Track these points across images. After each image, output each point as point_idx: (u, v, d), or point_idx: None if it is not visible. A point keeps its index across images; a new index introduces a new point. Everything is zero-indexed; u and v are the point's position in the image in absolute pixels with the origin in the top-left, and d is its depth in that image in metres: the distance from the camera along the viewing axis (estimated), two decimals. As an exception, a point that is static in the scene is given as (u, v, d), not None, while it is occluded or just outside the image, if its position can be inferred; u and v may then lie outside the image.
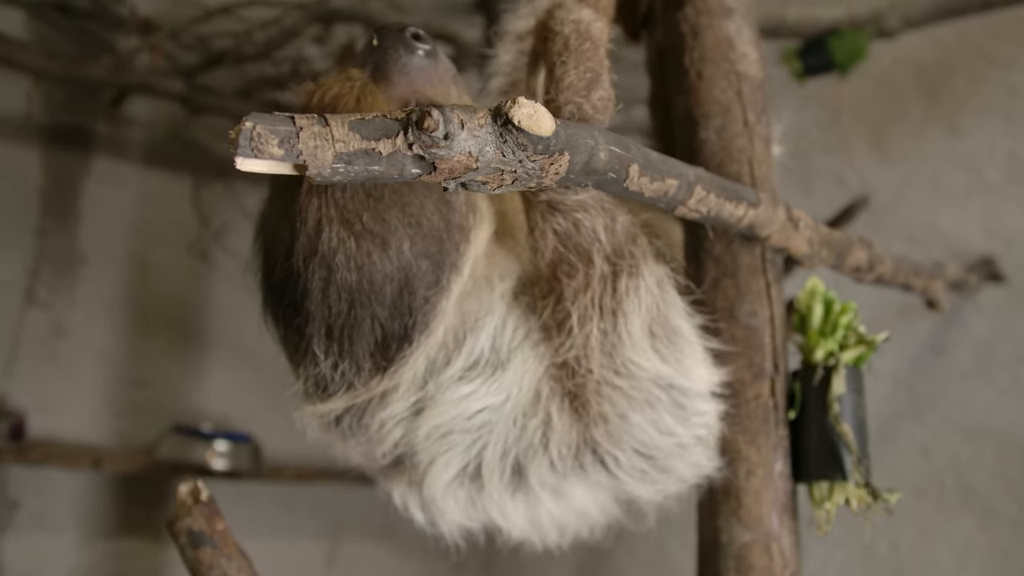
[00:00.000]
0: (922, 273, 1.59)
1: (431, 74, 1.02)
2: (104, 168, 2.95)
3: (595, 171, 0.75)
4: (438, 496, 1.09)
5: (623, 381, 1.00)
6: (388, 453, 1.06)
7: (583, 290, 0.99)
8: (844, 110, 3.20)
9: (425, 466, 1.06)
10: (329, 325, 0.95)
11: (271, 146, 0.60)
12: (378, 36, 1.01)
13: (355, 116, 0.63)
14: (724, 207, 0.94)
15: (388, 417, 1.02)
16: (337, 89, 0.97)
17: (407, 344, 0.97)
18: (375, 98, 0.96)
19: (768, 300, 1.15)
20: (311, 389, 1.01)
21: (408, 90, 0.99)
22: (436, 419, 1.02)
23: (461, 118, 0.63)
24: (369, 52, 1.01)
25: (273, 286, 0.99)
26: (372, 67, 0.99)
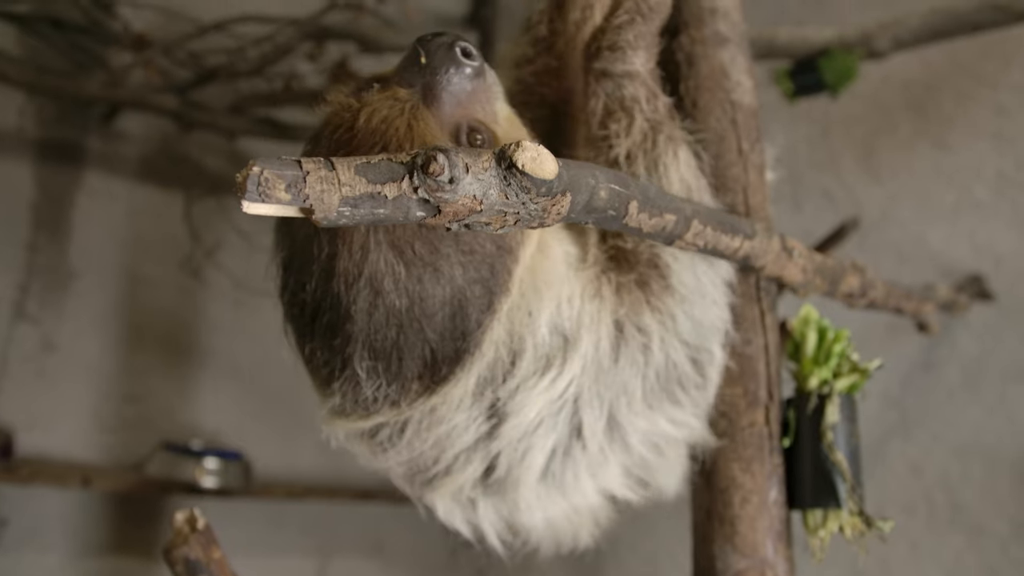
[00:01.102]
0: (913, 297, 1.61)
1: (480, 93, 1.00)
2: (95, 183, 2.94)
3: (596, 209, 0.76)
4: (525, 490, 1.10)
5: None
6: (445, 463, 1.07)
7: (625, 134, 1.12)
8: (833, 127, 3.22)
9: (510, 466, 1.07)
10: (374, 347, 0.94)
11: (278, 191, 0.60)
12: (425, 52, 0.96)
13: (361, 160, 0.63)
14: (721, 240, 0.95)
15: (446, 433, 1.03)
16: (386, 112, 0.92)
17: (458, 365, 0.97)
18: (426, 123, 0.93)
19: (762, 328, 1.16)
20: (348, 406, 1.00)
21: (459, 113, 0.97)
22: (523, 419, 1.04)
23: (466, 162, 0.63)
24: (417, 70, 0.96)
25: (304, 304, 0.97)
26: (422, 88, 0.95)
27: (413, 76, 0.96)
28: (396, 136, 0.90)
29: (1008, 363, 2.80)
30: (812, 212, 3.23)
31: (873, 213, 3.13)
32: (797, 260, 1.10)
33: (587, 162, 0.80)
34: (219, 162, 3.21)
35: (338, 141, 0.93)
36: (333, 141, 0.93)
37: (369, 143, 0.91)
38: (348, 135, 0.92)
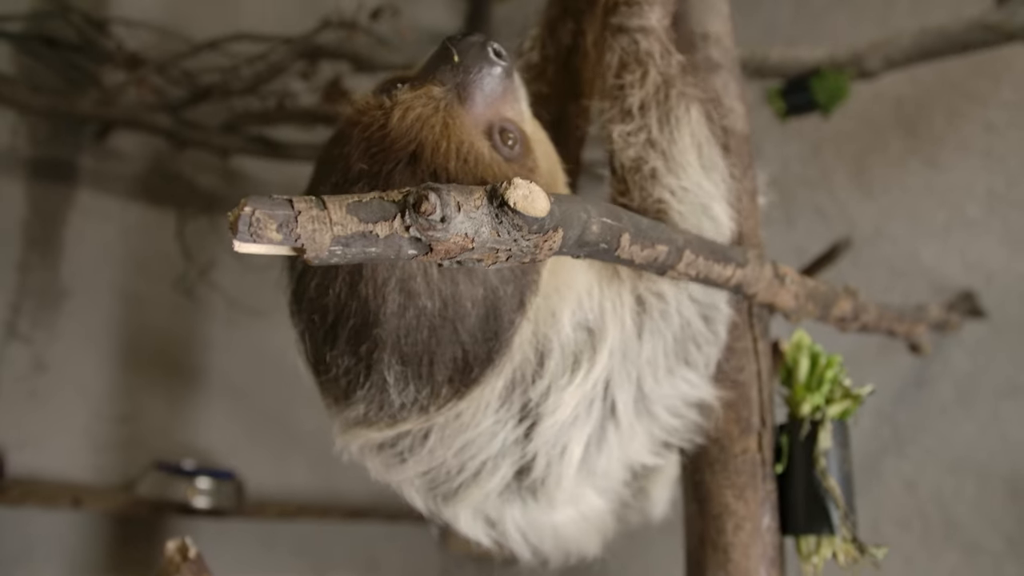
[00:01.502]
0: (905, 318, 1.61)
1: (510, 93, 1.01)
2: (88, 201, 2.94)
3: (588, 243, 0.76)
4: (565, 484, 1.09)
5: (675, 180, 1.11)
6: (472, 470, 1.06)
7: (639, 85, 1.13)
8: (825, 145, 3.23)
9: (549, 463, 1.07)
10: (403, 351, 0.93)
11: (270, 231, 0.60)
12: (459, 52, 0.96)
13: (353, 198, 0.63)
14: (713, 269, 0.95)
15: (473, 438, 1.02)
16: (420, 110, 0.92)
17: (490, 367, 0.96)
18: (461, 121, 0.93)
19: (755, 355, 1.16)
20: (373, 414, 0.99)
21: (491, 112, 0.97)
22: (559, 418, 1.04)
23: (458, 200, 0.64)
24: (450, 69, 0.95)
25: (326, 310, 0.95)
26: (456, 87, 0.95)
27: (445, 75, 0.95)
28: (432, 134, 0.90)
29: (1001, 379, 2.81)
30: (805, 229, 3.24)
31: (865, 230, 3.14)
32: (789, 287, 1.11)
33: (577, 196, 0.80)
34: (212, 180, 3.21)
35: (370, 140, 0.92)
36: (365, 140, 0.92)
37: (403, 142, 0.90)
38: (381, 134, 0.92)
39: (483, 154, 0.92)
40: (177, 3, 3.14)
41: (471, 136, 0.92)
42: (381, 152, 0.91)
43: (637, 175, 1.13)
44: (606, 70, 1.17)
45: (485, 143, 0.94)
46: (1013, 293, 2.82)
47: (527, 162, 0.99)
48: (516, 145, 0.97)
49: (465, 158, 0.90)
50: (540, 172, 1.01)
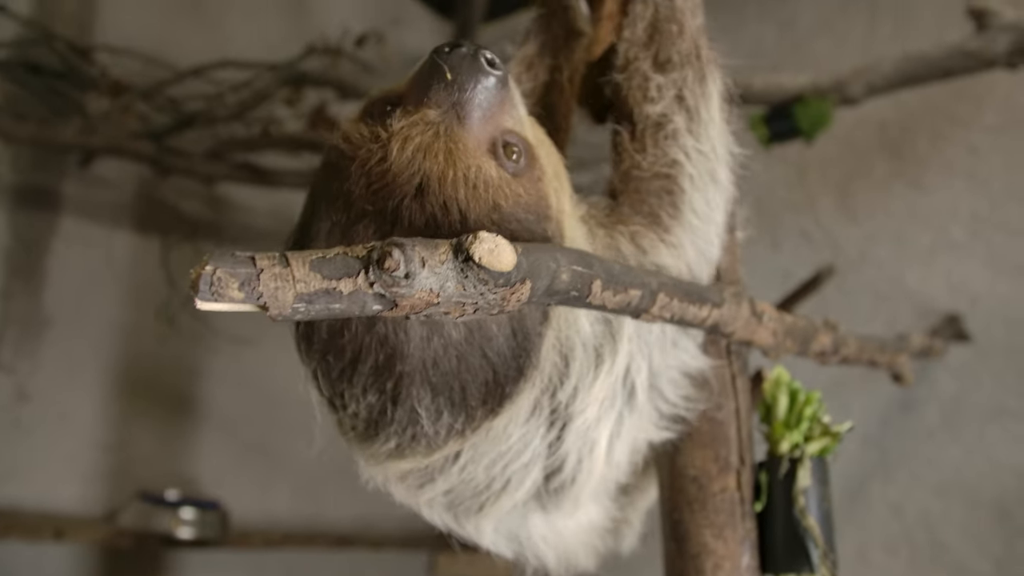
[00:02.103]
0: (887, 349, 1.61)
1: (508, 102, 0.95)
2: (72, 229, 2.92)
3: (557, 292, 0.75)
4: (594, 479, 1.09)
5: (693, 141, 1.13)
6: (502, 481, 1.04)
7: (678, 38, 1.15)
8: (810, 169, 3.25)
9: (580, 459, 1.06)
10: (433, 383, 0.91)
11: (231, 290, 0.60)
12: (451, 67, 0.89)
13: (317, 255, 0.63)
14: (688, 310, 0.94)
15: (504, 451, 1.01)
16: (419, 138, 0.87)
17: (522, 381, 0.94)
18: (464, 146, 0.88)
19: (734, 392, 1.15)
20: (406, 446, 0.96)
21: (492, 126, 0.92)
22: (588, 416, 1.04)
23: (422, 255, 0.63)
24: (443, 87, 0.89)
25: (341, 350, 0.92)
26: (452, 107, 0.89)
27: (439, 95, 0.89)
28: (436, 165, 0.86)
29: (986, 402, 2.81)
30: (790, 253, 3.25)
31: (851, 254, 3.15)
32: (767, 324, 1.10)
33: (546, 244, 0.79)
34: (197, 207, 3.20)
35: (370, 175, 0.87)
36: (365, 176, 0.88)
37: (407, 175, 0.86)
38: (381, 168, 0.87)
39: (492, 176, 0.88)
40: (162, 30, 3.14)
41: (477, 159, 0.88)
42: (384, 188, 0.86)
43: (660, 133, 1.13)
44: (636, 20, 1.17)
45: (491, 163, 0.89)
46: (997, 316, 2.83)
47: (534, 172, 0.95)
48: (521, 157, 0.93)
49: (474, 184, 0.86)
50: (547, 178, 0.97)
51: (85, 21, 3.02)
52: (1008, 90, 2.87)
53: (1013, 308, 2.81)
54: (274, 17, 3.55)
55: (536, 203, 0.92)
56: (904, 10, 3.20)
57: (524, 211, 0.90)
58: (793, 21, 3.44)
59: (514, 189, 0.90)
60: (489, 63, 0.91)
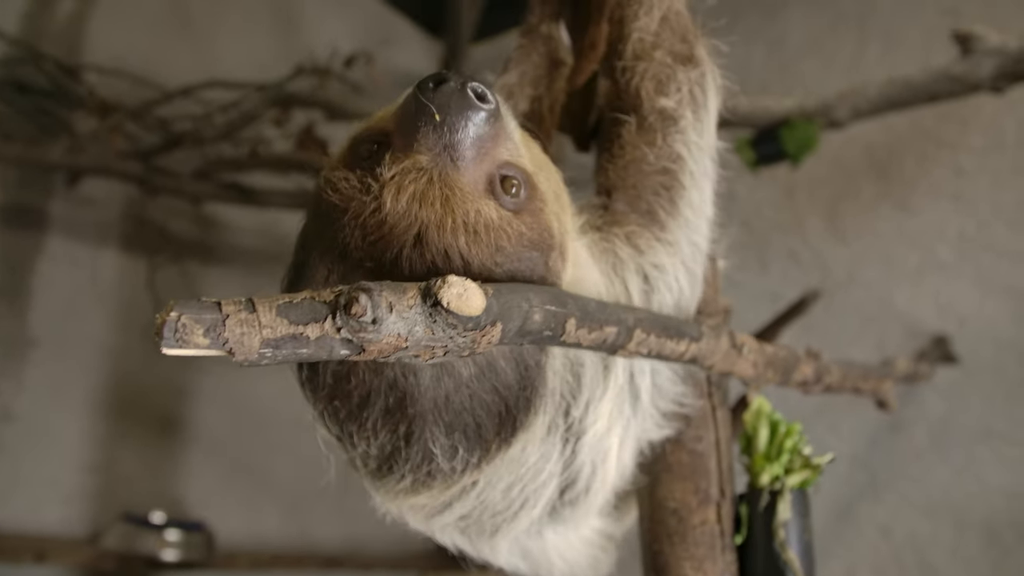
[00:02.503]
0: (871, 376, 1.61)
1: (502, 134, 0.91)
2: (58, 248, 2.91)
3: (530, 332, 0.75)
4: (608, 487, 1.09)
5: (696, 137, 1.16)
6: (520, 502, 1.03)
7: (694, 42, 1.20)
8: (798, 190, 3.25)
9: (594, 468, 1.06)
10: (446, 421, 0.90)
11: (196, 336, 0.59)
12: (438, 107, 0.85)
13: (283, 300, 0.62)
14: (665, 345, 0.94)
15: (522, 474, 1.01)
16: (412, 187, 0.84)
17: (532, 407, 0.94)
18: (460, 191, 0.85)
19: (714, 424, 1.15)
20: (422, 482, 0.96)
21: (487, 162, 0.88)
22: (600, 427, 1.04)
23: (390, 300, 0.63)
24: (433, 129, 0.85)
25: (348, 394, 0.91)
26: (443, 150, 0.85)
27: (429, 138, 0.85)
28: (434, 213, 0.83)
29: (974, 423, 2.81)
30: (779, 274, 3.25)
31: (839, 275, 3.15)
32: (747, 356, 1.10)
33: (522, 283, 0.79)
34: (185, 226, 3.19)
35: (365, 227, 0.84)
36: (360, 228, 0.85)
37: (403, 226, 0.83)
38: (376, 219, 0.84)
39: (492, 219, 0.85)
40: (151, 49, 3.14)
41: (475, 202, 0.85)
42: (381, 240, 0.84)
43: (671, 127, 1.14)
44: (651, 10, 1.18)
45: (490, 204, 0.87)
46: (985, 337, 2.83)
47: (535, 203, 0.92)
48: (521, 189, 0.90)
49: (475, 229, 0.84)
50: (548, 207, 0.95)
51: (74, 40, 3.02)
52: (994, 112, 2.89)
53: (1001, 329, 2.81)
54: (264, 36, 3.55)
55: (539, 237, 0.90)
56: (892, 31, 3.22)
57: (528, 248, 0.88)
58: (782, 41, 3.45)
59: (516, 228, 0.87)
60: (479, 97, 0.87)
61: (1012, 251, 2.86)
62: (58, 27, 2.98)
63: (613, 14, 1.19)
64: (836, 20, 3.35)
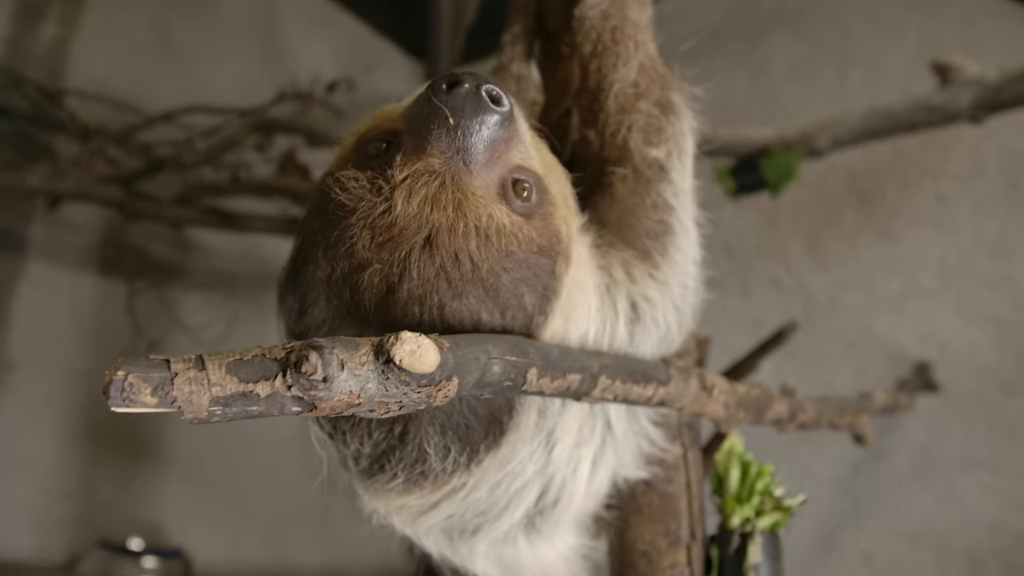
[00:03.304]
0: (847, 411, 1.60)
1: (514, 137, 0.91)
2: (38, 273, 2.89)
3: (489, 383, 0.74)
4: (576, 502, 1.08)
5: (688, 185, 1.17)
6: (503, 504, 1.03)
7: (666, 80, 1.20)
8: (781, 217, 3.26)
9: (564, 482, 1.05)
10: (441, 422, 0.91)
11: (143, 395, 0.58)
12: (452, 110, 0.84)
13: (234, 356, 0.62)
14: (632, 391, 0.93)
15: (507, 473, 1.00)
16: (424, 191, 0.83)
17: (512, 411, 0.94)
18: (473, 195, 0.84)
19: (685, 465, 1.14)
20: (413, 481, 0.95)
21: (500, 166, 0.88)
22: (570, 438, 1.03)
23: (341, 358, 0.62)
24: (446, 132, 0.84)
25: None
26: (456, 153, 0.84)
27: (442, 141, 0.84)
28: (445, 217, 0.83)
29: (957, 451, 2.82)
30: (761, 300, 3.25)
31: (821, 301, 3.16)
32: (718, 397, 1.09)
33: (481, 334, 0.78)
34: (166, 251, 3.18)
35: (374, 228, 0.84)
36: (369, 228, 0.84)
37: (413, 229, 0.82)
38: (386, 222, 0.83)
39: (504, 224, 0.85)
40: (135, 73, 3.13)
41: (487, 207, 0.85)
42: (389, 241, 0.83)
43: (661, 178, 1.15)
44: (628, 61, 1.18)
45: (502, 209, 0.86)
46: (967, 364, 2.84)
47: (545, 207, 0.92)
48: (532, 193, 0.90)
49: (486, 234, 0.84)
50: (558, 210, 0.95)
51: (57, 65, 3.02)
52: (975, 140, 2.90)
53: (982, 356, 2.82)
54: (248, 61, 3.55)
55: (548, 243, 0.90)
56: (873, 58, 3.24)
57: (537, 254, 0.89)
58: (765, 68, 3.47)
59: (526, 233, 0.87)
60: (494, 100, 0.86)
61: (993, 279, 2.87)
62: (41, 52, 2.98)
63: (589, 63, 1.18)
64: (818, 48, 3.37)
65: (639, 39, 1.17)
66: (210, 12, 3.45)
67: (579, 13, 1.17)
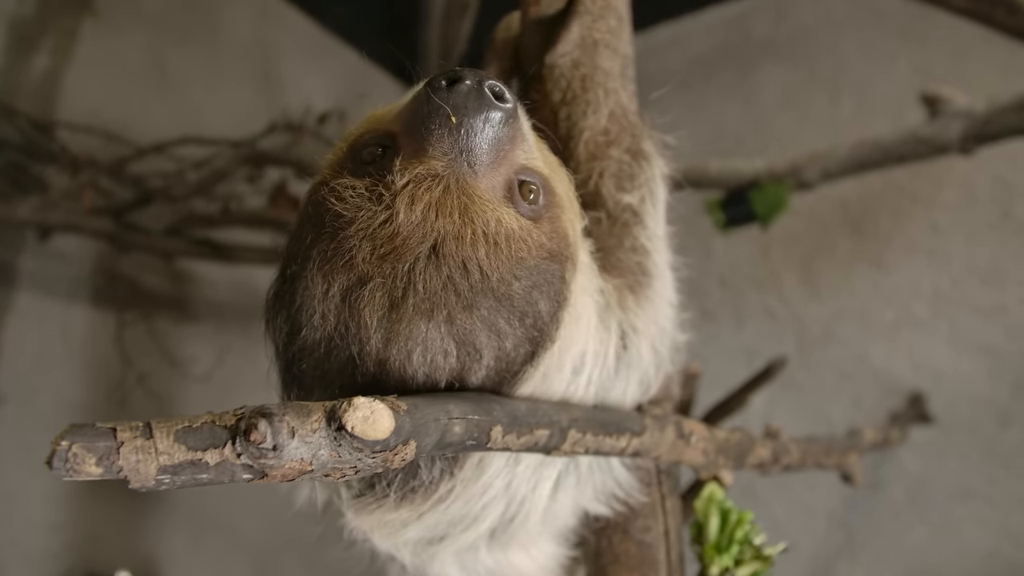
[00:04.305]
0: (834, 450, 1.58)
1: (518, 137, 0.86)
2: (28, 304, 2.88)
3: (451, 444, 0.73)
4: (532, 522, 1.05)
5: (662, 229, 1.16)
6: (472, 515, 0.99)
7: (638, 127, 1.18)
8: (774, 246, 3.25)
9: (524, 500, 1.02)
10: None
11: (88, 465, 0.58)
12: (454, 108, 0.79)
13: (182, 424, 0.61)
14: (604, 443, 0.92)
15: (482, 484, 0.97)
16: (427, 196, 0.78)
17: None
18: (480, 200, 0.80)
19: (663, 514, 1.12)
20: (407, 495, 0.93)
21: (505, 167, 0.84)
22: (531, 460, 1.00)
23: (292, 426, 0.61)
24: (448, 132, 0.79)
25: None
26: (460, 154, 0.80)
27: (444, 142, 0.80)
28: (452, 224, 0.78)
29: (952, 481, 2.80)
30: (754, 331, 3.24)
31: (815, 331, 3.14)
32: (696, 445, 1.08)
33: (443, 393, 0.77)
34: (158, 282, 3.17)
35: (375, 239, 0.79)
36: (369, 239, 0.79)
37: (418, 239, 0.78)
38: (388, 232, 0.78)
39: (512, 229, 0.81)
40: (128, 103, 3.13)
41: (495, 211, 0.80)
42: (392, 252, 0.78)
43: (636, 224, 1.14)
44: (598, 109, 1.17)
45: (510, 213, 0.82)
46: (962, 394, 2.82)
47: (553, 211, 0.88)
48: (539, 195, 0.86)
49: (495, 240, 0.79)
50: (564, 213, 0.91)
51: (49, 95, 3.02)
52: (967, 169, 2.90)
53: (977, 386, 2.80)
54: (243, 90, 3.55)
55: (558, 247, 0.87)
56: (865, 88, 3.24)
57: (547, 259, 0.85)
58: (756, 97, 3.47)
59: (536, 238, 0.84)
60: (496, 96, 0.81)
61: (986, 307, 2.86)
62: (33, 83, 2.98)
63: (558, 110, 1.17)
64: (810, 77, 3.38)
65: (609, 87, 1.16)
66: (206, 42, 3.46)
67: (549, 61, 1.16)
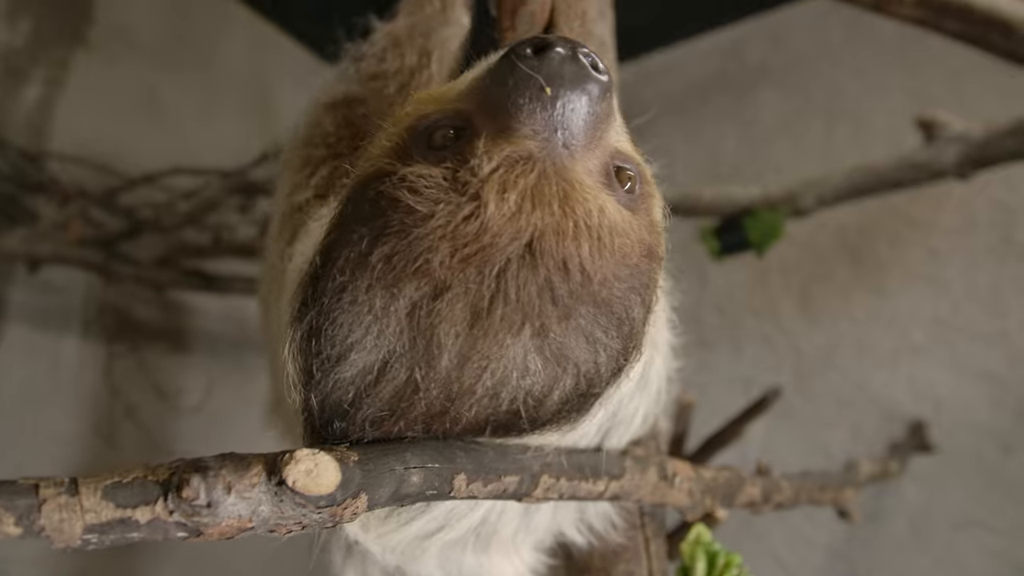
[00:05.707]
0: (829, 485, 1.54)
1: (612, 116, 0.75)
2: (17, 337, 2.84)
3: (409, 495, 0.69)
4: (501, 537, 1.00)
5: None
6: (456, 517, 0.94)
7: None
8: (771, 273, 3.22)
9: (501, 513, 0.97)
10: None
11: (7, 525, 0.54)
12: (547, 78, 0.68)
13: (111, 479, 0.57)
14: (579, 487, 0.88)
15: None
16: (523, 182, 0.66)
17: None
18: (581, 188, 0.68)
19: (647, 557, 1.08)
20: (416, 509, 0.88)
21: (602, 148, 0.72)
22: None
23: (229, 480, 0.57)
24: (540, 106, 0.68)
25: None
26: (555, 133, 0.68)
27: (536, 118, 0.68)
28: (551, 216, 0.66)
29: (954, 511, 2.75)
30: (752, 358, 3.20)
31: (813, 359, 3.10)
32: (681, 486, 1.04)
33: (401, 442, 0.72)
34: (148, 313, 3.14)
35: (457, 239, 0.66)
36: (449, 239, 0.66)
37: (509, 237, 0.66)
38: (473, 228, 0.66)
39: (616, 221, 0.69)
40: (120, 134, 3.12)
41: (597, 200, 0.69)
42: (478, 253, 0.65)
43: None
44: None
45: (612, 202, 0.70)
46: (962, 422, 2.78)
47: (648, 201, 0.78)
48: (636, 184, 0.75)
49: (599, 234, 0.67)
50: (656, 204, 0.80)
51: (41, 126, 3.01)
52: (966, 194, 2.87)
53: (978, 414, 2.76)
54: (235, 121, 3.54)
55: (655, 242, 0.76)
56: (861, 113, 3.22)
57: (647, 257, 0.73)
58: (753, 123, 3.45)
59: (637, 232, 0.72)
60: (592, 65, 0.70)
61: (987, 334, 2.82)
62: (24, 114, 2.97)
63: None
64: (806, 103, 3.36)
65: None
66: (199, 72, 3.46)
67: None
